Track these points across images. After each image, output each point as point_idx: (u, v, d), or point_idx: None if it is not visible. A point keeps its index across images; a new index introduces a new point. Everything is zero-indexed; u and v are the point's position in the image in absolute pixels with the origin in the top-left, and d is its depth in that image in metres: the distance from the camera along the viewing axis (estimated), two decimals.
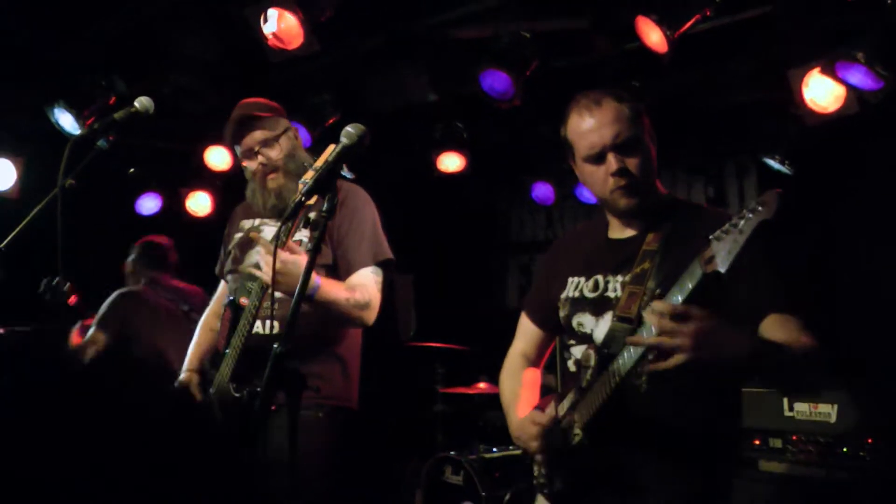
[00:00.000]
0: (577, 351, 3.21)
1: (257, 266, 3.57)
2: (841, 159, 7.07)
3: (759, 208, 2.44)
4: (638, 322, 2.86)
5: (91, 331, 6.33)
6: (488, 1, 5.80)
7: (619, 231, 3.23)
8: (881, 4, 4.98)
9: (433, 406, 7.66)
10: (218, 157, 7.83)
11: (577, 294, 3.24)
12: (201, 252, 5.51)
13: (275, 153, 4.07)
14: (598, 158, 3.03)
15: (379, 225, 4.15)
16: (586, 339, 3.16)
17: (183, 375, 4.25)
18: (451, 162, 8.00)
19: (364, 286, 3.93)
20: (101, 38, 6.41)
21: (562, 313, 3.31)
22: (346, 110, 7.36)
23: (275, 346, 2.65)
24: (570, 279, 3.31)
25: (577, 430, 2.99)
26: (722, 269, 2.45)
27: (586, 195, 8.62)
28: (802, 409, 5.73)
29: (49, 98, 6.46)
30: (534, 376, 3.63)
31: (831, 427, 5.59)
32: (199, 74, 6.29)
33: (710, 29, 5.70)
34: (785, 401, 5.73)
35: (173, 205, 8.38)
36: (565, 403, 3.12)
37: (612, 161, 3.00)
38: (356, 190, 4.19)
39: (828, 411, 5.63)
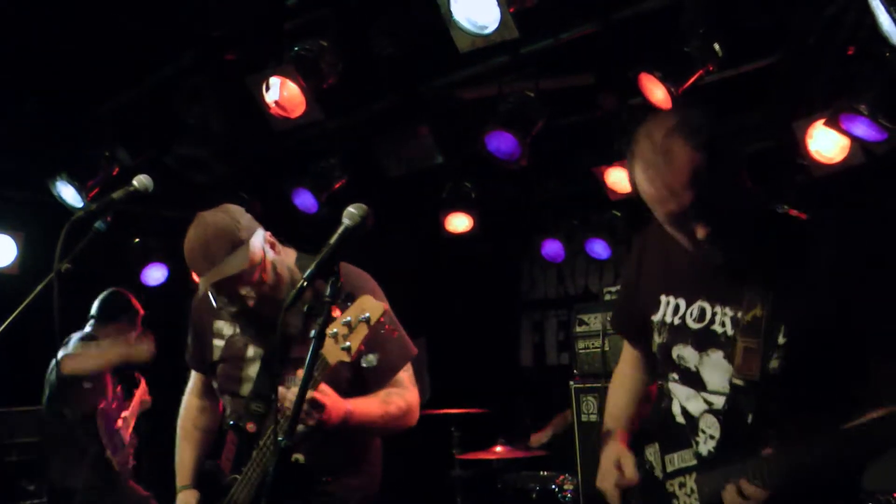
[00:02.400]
0: (681, 392, 2.88)
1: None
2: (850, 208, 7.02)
3: None
4: (764, 385, 2.60)
5: None
6: (492, 61, 5.78)
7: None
8: (882, 57, 4.97)
9: (451, 471, 7.54)
10: None
11: (677, 321, 2.87)
12: None
13: (260, 290, 3.50)
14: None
15: (393, 314, 3.71)
16: (689, 375, 2.83)
17: (180, 495, 3.87)
18: (459, 222, 7.97)
19: (399, 393, 3.66)
20: (106, 110, 6.42)
21: (658, 339, 2.95)
22: (353, 174, 7.34)
23: (279, 439, 2.55)
24: (663, 298, 2.94)
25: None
26: None
27: (596, 251, 8.58)
28: None
29: (51, 171, 6.44)
30: (646, 391, 3.25)
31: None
32: (205, 144, 6.27)
33: (718, 80, 5.68)
34: None
35: (180, 274, 8.32)
36: (676, 460, 2.87)
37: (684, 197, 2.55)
38: (363, 281, 3.75)
39: None
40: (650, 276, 3.01)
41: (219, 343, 3.85)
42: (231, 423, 3.65)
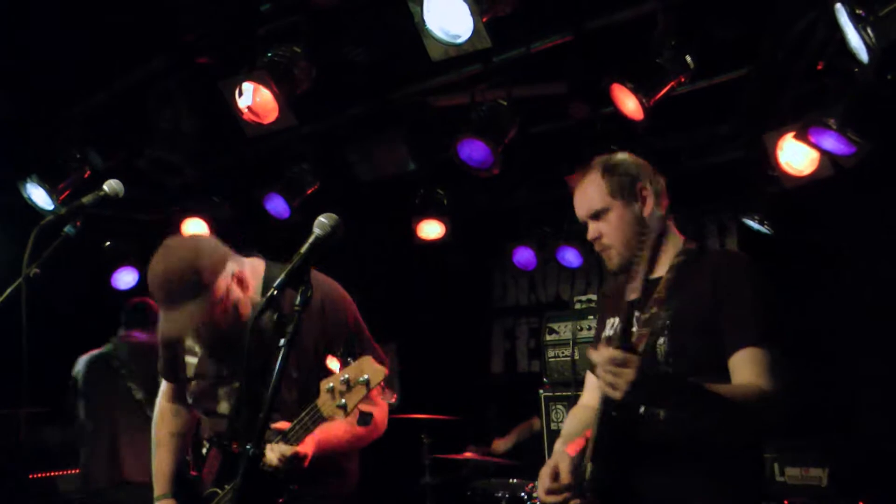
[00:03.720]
0: None
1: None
2: (818, 220, 7.11)
3: None
4: (648, 360, 3.03)
5: None
6: (465, 70, 5.80)
7: None
8: (850, 72, 5.03)
9: (421, 478, 7.54)
10: (195, 229, 7.72)
11: (610, 332, 3.52)
12: None
13: (220, 326, 3.52)
14: (585, 228, 3.40)
15: (360, 319, 3.84)
16: None
17: None
18: (431, 229, 7.96)
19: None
20: (77, 112, 6.38)
21: None
22: (326, 180, 7.33)
23: (247, 447, 2.56)
24: (607, 321, 3.60)
25: (587, 463, 3.13)
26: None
27: (568, 259, 8.61)
28: (794, 473, 5.67)
29: (21, 172, 6.38)
30: None
31: (823, 491, 5.52)
32: (177, 147, 6.24)
33: (691, 91, 5.72)
34: (776, 465, 5.67)
35: None
36: (594, 431, 3.26)
37: (589, 230, 3.38)
38: (330, 290, 3.78)
39: (819, 475, 5.57)
40: (604, 311, 3.67)
41: (191, 360, 3.84)
42: (214, 441, 3.67)
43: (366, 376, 3.00)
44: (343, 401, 2.98)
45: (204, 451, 3.82)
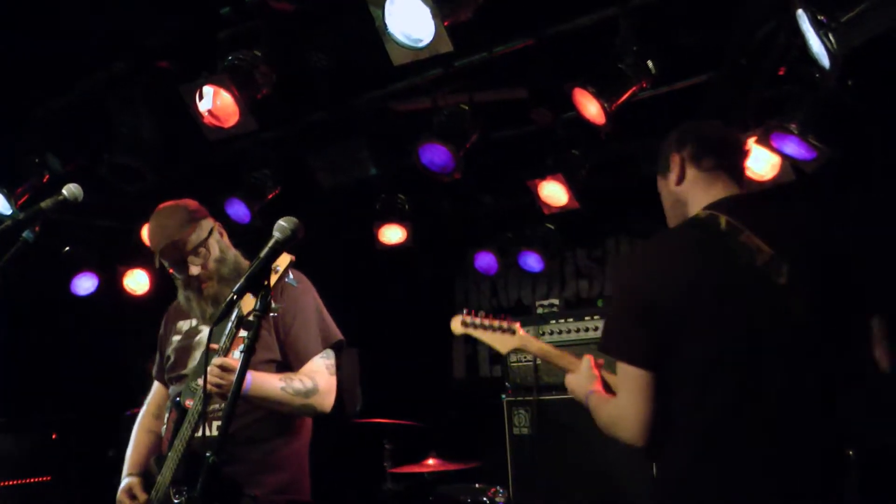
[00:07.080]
0: None
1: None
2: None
3: None
4: None
5: None
6: (427, 74, 5.80)
7: None
8: (811, 78, 5.08)
9: (383, 484, 7.50)
10: None
11: None
12: (140, 330, 5.37)
13: (205, 262, 3.86)
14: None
15: (322, 307, 4.02)
16: None
17: (125, 481, 3.93)
18: (392, 234, 7.96)
19: (309, 372, 3.80)
20: (36, 116, 6.31)
21: None
22: (287, 185, 7.30)
23: (207, 454, 2.56)
24: None
25: None
26: None
27: (529, 264, 8.62)
28: None
29: None
30: None
31: None
32: (137, 152, 6.18)
33: (651, 97, 5.75)
34: None
35: (110, 283, 8.21)
36: None
37: None
38: (298, 279, 3.99)
39: None
40: None
41: (177, 338, 4.09)
42: (175, 401, 3.76)
43: (279, 266, 3.16)
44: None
45: (164, 426, 3.97)
